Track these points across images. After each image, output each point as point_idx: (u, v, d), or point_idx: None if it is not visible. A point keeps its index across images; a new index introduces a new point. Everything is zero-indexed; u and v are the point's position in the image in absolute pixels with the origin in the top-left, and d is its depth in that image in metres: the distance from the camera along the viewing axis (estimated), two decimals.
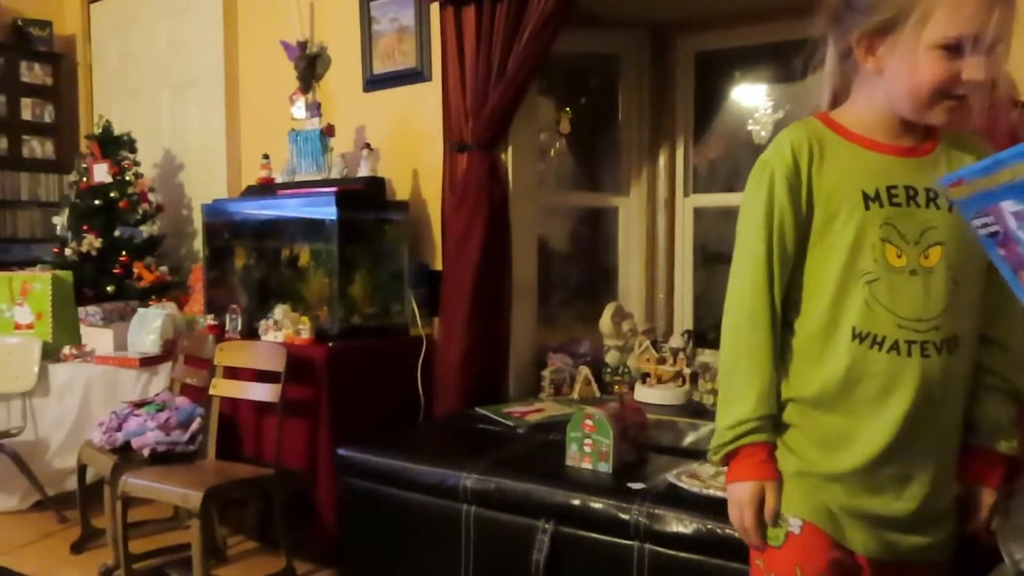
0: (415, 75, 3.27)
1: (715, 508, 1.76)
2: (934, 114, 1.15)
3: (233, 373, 2.91)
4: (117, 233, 3.95)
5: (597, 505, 1.91)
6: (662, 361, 2.90)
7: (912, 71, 1.12)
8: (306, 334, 2.92)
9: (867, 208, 1.16)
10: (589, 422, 2.08)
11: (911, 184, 1.18)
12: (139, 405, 2.94)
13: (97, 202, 3.98)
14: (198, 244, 4.08)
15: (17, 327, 3.51)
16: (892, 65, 1.15)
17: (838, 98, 1.28)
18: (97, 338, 3.55)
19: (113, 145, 4.05)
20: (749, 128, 3.24)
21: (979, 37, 1.07)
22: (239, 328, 3.15)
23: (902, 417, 1.15)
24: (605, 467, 2.05)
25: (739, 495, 1.22)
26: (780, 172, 1.20)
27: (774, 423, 1.23)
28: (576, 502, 1.94)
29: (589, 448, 2.08)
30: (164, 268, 4.02)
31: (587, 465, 2.08)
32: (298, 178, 3.33)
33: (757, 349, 1.21)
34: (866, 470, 1.18)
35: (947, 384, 1.17)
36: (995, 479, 1.24)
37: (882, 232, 1.16)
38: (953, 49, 1.09)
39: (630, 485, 1.94)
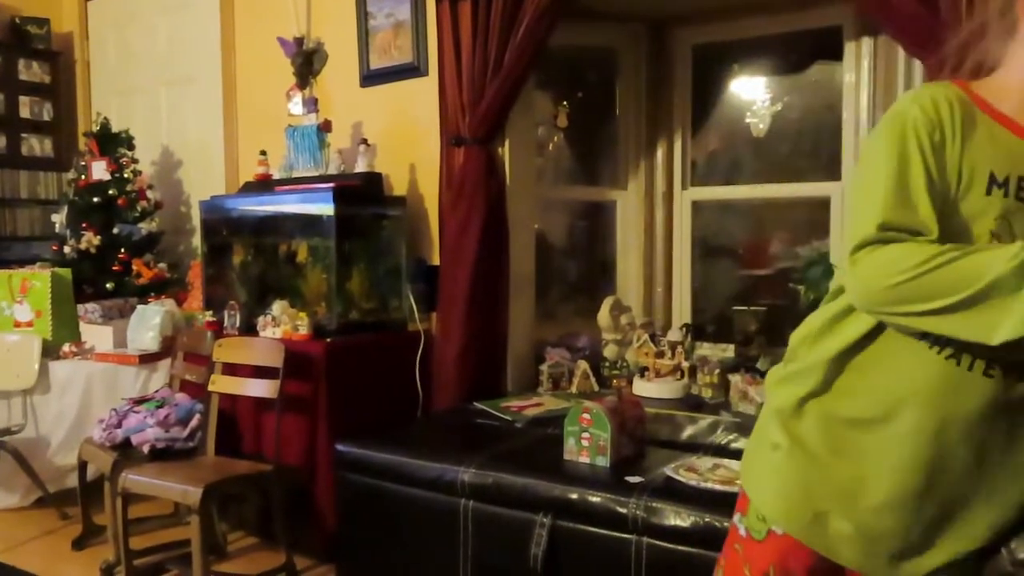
0: (411, 70, 3.27)
1: (713, 501, 1.77)
2: None
3: (232, 369, 2.91)
4: (116, 230, 3.95)
5: (595, 499, 1.91)
6: (660, 355, 2.90)
7: None
8: (304, 330, 2.92)
9: (988, 192, 1.00)
10: (587, 416, 2.08)
11: None
12: (139, 402, 2.95)
13: (96, 199, 3.97)
14: (196, 241, 4.08)
15: (17, 325, 3.52)
16: None
17: (979, 72, 1.10)
18: (97, 335, 3.55)
19: (111, 142, 4.05)
20: (747, 121, 3.23)
21: None
22: (237, 324, 3.16)
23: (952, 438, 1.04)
24: (603, 461, 2.06)
25: None
26: (922, 124, 1.01)
27: None
28: (574, 496, 1.94)
29: (587, 442, 2.08)
30: (163, 265, 4.02)
31: (585, 459, 2.08)
32: (295, 174, 3.33)
33: (940, 253, 0.95)
34: None
35: (998, 412, 1.03)
36: None
37: (995, 225, 1.00)
38: None
39: (628, 479, 1.94)
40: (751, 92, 3.25)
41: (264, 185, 3.38)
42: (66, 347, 3.48)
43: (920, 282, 0.95)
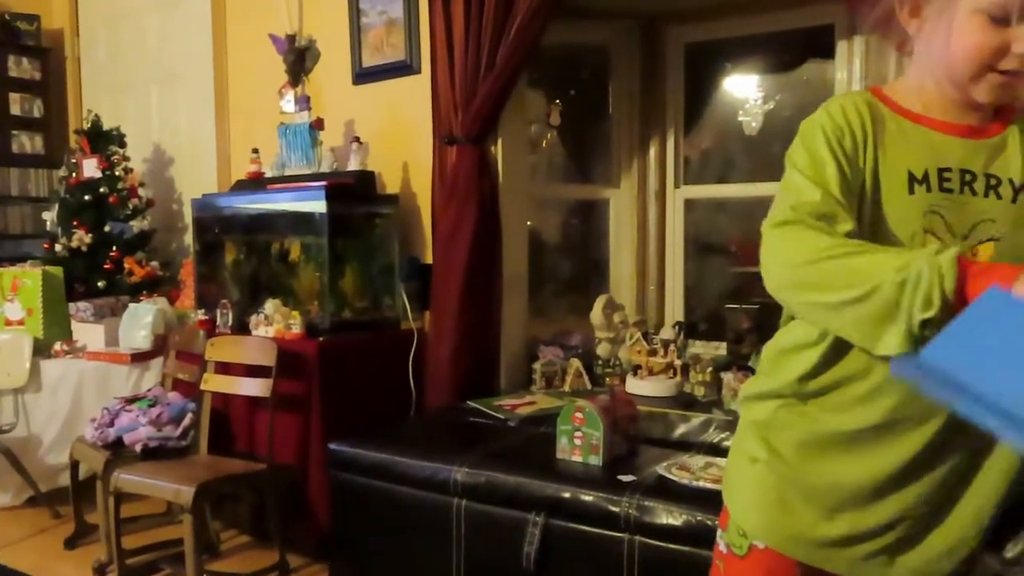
0: (404, 68, 3.26)
1: (705, 500, 1.78)
2: (979, 90, 1.00)
3: (224, 368, 2.91)
4: (107, 228, 3.93)
5: (587, 498, 1.91)
6: (653, 353, 2.90)
7: (951, 37, 0.98)
8: (297, 329, 2.92)
9: (911, 192, 1.01)
10: (579, 415, 2.09)
11: (969, 168, 1.02)
12: (131, 401, 2.94)
13: (87, 197, 3.95)
14: (188, 239, 4.07)
15: (8, 323, 3.51)
16: (935, 29, 1.01)
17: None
18: (88, 334, 3.54)
19: (102, 140, 4.03)
20: (740, 119, 3.24)
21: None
22: (230, 323, 3.15)
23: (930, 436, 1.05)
24: (595, 460, 2.06)
25: None
26: (831, 130, 1.05)
27: None
28: (566, 495, 1.94)
29: (579, 441, 2.09)
30: (155, 263, 4.00)
31: (577, 458, 2.09)
32: (288, 172, 3.32)
33: (843, 244, 0.95)
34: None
35: None
36: None
37: (926, 221, 1.00)
38: (998, 19, 0.95)
39: (620, 478, 1.95)
40: (743, 90, 3.25)
41: (256, 183, 3.37)
42: (58, 346, 3.47)
43: (819, 268, 0.95)
